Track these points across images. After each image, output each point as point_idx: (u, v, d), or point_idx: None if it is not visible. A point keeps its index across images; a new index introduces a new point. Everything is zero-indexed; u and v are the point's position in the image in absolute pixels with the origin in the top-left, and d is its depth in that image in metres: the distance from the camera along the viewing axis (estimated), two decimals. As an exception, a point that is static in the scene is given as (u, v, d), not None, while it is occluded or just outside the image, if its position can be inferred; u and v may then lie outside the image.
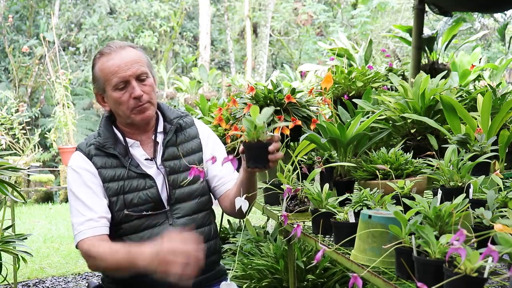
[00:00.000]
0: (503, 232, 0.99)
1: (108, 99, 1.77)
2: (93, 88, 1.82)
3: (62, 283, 4.14)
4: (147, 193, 1.75)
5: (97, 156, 1.75)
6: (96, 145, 1.76)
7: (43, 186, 7.74)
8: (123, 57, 1.72)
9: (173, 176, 1.81)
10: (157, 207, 1.76)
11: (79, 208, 1.70)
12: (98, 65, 1.75)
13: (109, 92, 1.73)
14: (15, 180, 7.02)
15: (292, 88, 2.35)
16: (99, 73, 1.74)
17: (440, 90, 2.11)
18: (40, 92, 11.54)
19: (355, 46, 5.53)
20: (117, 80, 1.70)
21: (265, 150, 1.52)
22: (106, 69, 1.72)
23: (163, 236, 1.56)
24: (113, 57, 1.72)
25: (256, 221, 5.70)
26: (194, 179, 1.82)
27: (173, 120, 1.87)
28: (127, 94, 1.71)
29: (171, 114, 1.89)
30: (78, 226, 1.69)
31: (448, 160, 1.61)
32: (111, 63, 1.71)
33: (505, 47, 6.78)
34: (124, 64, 1.70)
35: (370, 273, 1.25)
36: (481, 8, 4.00)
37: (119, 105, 1.73)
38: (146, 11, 13.64)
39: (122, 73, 1.70)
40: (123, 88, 1.71)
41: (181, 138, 1.87)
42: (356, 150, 2.01)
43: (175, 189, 1.80)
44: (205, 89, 10.72)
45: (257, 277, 2.74)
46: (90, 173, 1.74)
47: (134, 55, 1.74)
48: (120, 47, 1.74)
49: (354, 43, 6.66)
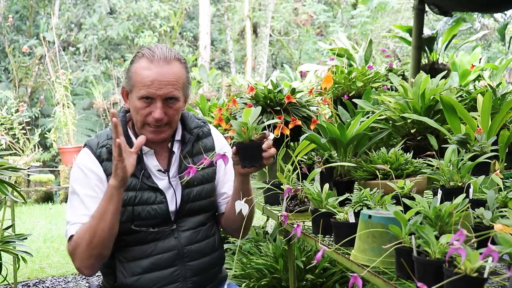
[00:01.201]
0: (503, 232, 0.99)
1: (131, 100, 1.69)
2: (123, 80, 1.74)
3: (62, 283, 4.15)
4: (156, 209, 1.69)
5: (109, 161, 1.66)
6: (109, 149, 1.67)
7: (43, 186, 7.74)
8: (162, 74, 1.62)
9: (187, 190, 1.74)
10: (164, 223, 1.71)
11: (78, 209, 1.64)
12: (135, 65, 1.66)
13: (134, 96, 1.66)
14: (15, 180, 7.02)
15: (292, 88, 2.35)
16: (133, 75, 1.66)
17: (440, 90, 2.11)
18: (40, 92, 11.53)
19: (355, 46, 5.53)
20: (145, 94, 1.62)
21: (258, 149, 1.55)
22: (140, 76, 1.63)
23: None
24: (153, 68, 1.62)
25: (256, 221, 5.70)
26: (208, 194, 1.79)
27: (193, 130, 1.79)
28: (148, 110, 1.64)
29: (191, 123, 1.80)
30: (71, 225, 1.63)
31: (448, 160, 1.61)
32: (147, 74, 1.62)
33: (505, 47, 6.78)
34: (158, 82, 1.61)
35: (370, 273, 1.25)
36: (481, 8, 4.00)
37: (136, 113, 1.66)
38: (146, 11, 13.64)
39: (152, 90, 1.61)
40: (147, 102, 1.63)
41: (197, 149, 1.79)
42: (356, 150, 2.01)
43: (187, 203, 1.74)
44: (205, 89, 10.72)
45: (256, 276, 2.75)
46: (98, 178, 1.66)
47: (174, 75, 1.64)
48: (165, 60, 1.64)
49: (354, 43, 6.66)
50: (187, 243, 1.73)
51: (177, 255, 1.71)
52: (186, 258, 1.72)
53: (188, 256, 1.72)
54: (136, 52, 1.72)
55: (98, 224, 1.56)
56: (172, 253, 1.70)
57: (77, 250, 1.59)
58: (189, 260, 1.72)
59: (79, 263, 1.61)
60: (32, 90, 11.37)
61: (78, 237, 1.59)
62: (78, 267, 1.62)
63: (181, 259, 1.71)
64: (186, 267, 1.72)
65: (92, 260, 1.60)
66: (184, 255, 1.72)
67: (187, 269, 1.72)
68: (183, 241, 1.72)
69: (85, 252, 1.58)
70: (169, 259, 1.70)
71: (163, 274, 1.69)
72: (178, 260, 1.71)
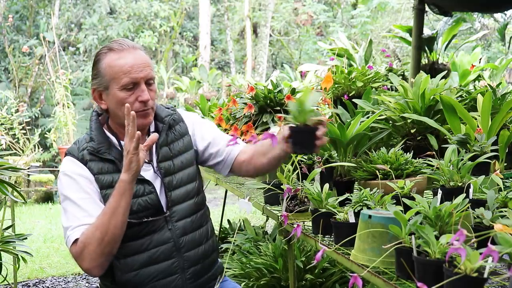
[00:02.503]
0: (503, 232, 0.99)
1: (109, 98, 1.68)
2: (92, 83, 1.71)
3: (62, 283, 4.15)
4: (147, 200, 1.69)
5: (92, 161, 1.67)
6: (90, 150, 1.68)
7: (43, 186, 7.74)
8: (137, 58, 1.66)
9: (168, 178, 1.75)
10: (156, 213, 1.71)
11: (76, 213, 1.61)
12: (105, 60, 1.66)
13: (114, 90, 1.65)
14: (15, 180, 7.01)
15: (292, 88, 2.35)
16: (107, 70, 1.65)
17: (440, 90, 2.11)
18: (40, 92, 11.53)
19: (355, 46, 5.52)
20: (128, 81, 1.63)
21: (312, 134, 1.47)
22: (117, 67, 1.64)
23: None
24: (126, 56, 1.65)
25: (256, 221, 5.70)
26: (190, 178, 1.80)
27: (164, 119, 1.80)
28: (133, 96, 1.65)
29: (162, 112, 1.81)
30: (72, 230, 1.60)
31: (448, 160, 1.61)
32: (124, 61, 1.64)
33: (505, 47, 6.78)
34: (137, 65, 1.65)
35: (370, 273, 1.25)
36: (481, 8, 4.00)
37: (122, 105, 1.63)
38: (146, 11, 13.64)
39: (134, 74, 1.64)
40: (131, 89, 1.65)
41: (172, 137, 1.81)
42: (356, 150, 2.01)
43: (170, 191, 1.74)
44: (205, 89, 10.72)
45: (255, 276, 2.75)
46: (87, 179, 1.66)
47: (145, 58, 1.69)
48: (133, 47, 1.68)
49: (354, 43, 6.65)
50: (182, 233, 1.74)
51: (173, 247, 1.72)
52: (183, 249, 1.73)
53: (184, 246, 1.73)
54: (99, 51, 1.71)
55: (109, 220, 1.55)
56: (168, 245, 1.71)
57: (85, 250, 1.56)
58: (185, 251, 1.74)
59: (88, 264, 1.58)
60: (32, 90, 11.37)
61: (86, 237, 1.56)
62: (87, 268, 1.59)
63: (177, 250, 1.72)
64: (183, 258, 1.73)
65: (103, 259, 1.59)
66: (180, 246, 1.73)
67: (184, 260, 1.73)
68: (178, 232, 1.73)
69: (95, 251, 1.56)
70: (166, 251, 1.71)
71: (160, 267, 1.70)
72: (175, 252, 1.72)
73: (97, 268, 1.60)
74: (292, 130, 1.49)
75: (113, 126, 1.76)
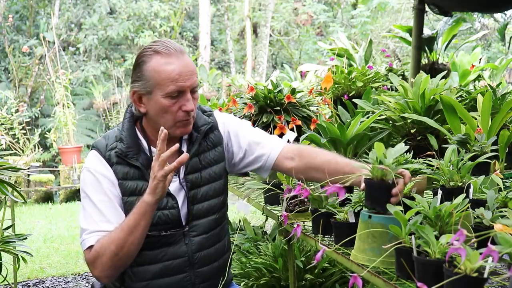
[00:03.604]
0: (503, 232, 0.99)
1: (150, 103, 1.59)
2: (133, 85, 1.61)
3: (62, 283, 4.15)
4: (168, 214, 1.62)
5: (119, 164, 1.60)
6: (117, 153, 1.60)
7: (43, 186, 7.74)
8: (184, 65, 1.57)
9: (193, 191, 1.67)
10: (175, 226, 1.65)
11: (94, 216, 1.57)
12: (151, 64, 1.56)
13: (158, 97, 1.56)
14: (15, 180, 7.02)
15: (292, 88, 2.35)
16: (152, 73, 1.55)
17: (440, 90, 2.10)
18: (40, 92, 11.53)
19: (355, 46, 5.52)
20: (174, 89, 1.54)
21: (387, 191, 1.33)
22: (164, 72, 1.54)
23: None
24: (173, 62, 1.55)
25: (256, 221, 5.70)
26: (216, 193, 1.72)
27: (200, 128, 1.69)
28: (177, 105, 1.56)
29: (200, 121, 1.70)
30: (88, 234, 1.56)
31: (448, 160, 1.61)
32: (171, 68, 1.54)
33: (505, 47, 6.78)
34: (185, 73, 1.55)
35: (370, 273, 1.25)
36: (481, 8, 3.99)
37: (165, 113, 1.57)
38: (146, 11, 13.64)
39: (181, 83, 1.55)
40: (175, 97, 1.56)
41: (204, 147, 1.70)
42: (356, 150, 2.01)
43: (193, 205, 1.67)
44: (205, 89, 10.72)
45: (255, 275, 2.75)
46: (110, 182, 1.60)
47: (192, 65, 1.60)
48: (180, 52, 1.58)
49: (354, 43, 6.65)
50: (198, 249, 1.68)
51: (187, 262, 1.67)
52: (196, 265, 1.68)
53: (198, 262, 1.68)
54: (143, 51, 1.60)
55: (127, 237, 1.51)
56: (182, 260, 1.66)
57: (98, 260, 1.53)
58: (199, 267, 1.68)
59: (99, 273, 1.55)
60: (32, 90, 11.37)
61: (101, 247, 1.53)
62: (97, 276, 1.57)
63: (191, 265, 1.67)
64: (195, 273, 1.68)
65: (114, 271, 1.57)
66: (194, 261, 1.67)
67: (196, 276, 1.68)
68: (194, 247, 1.67)
69: (108, 263, 1.53)
70: (179, 265, 1.66)
71: (171, 281, 1.66)
72: (187, 267, 1.67)
73: (108, 278, 1.58)
74: (366, 183, 1.38)
75: (148, 129, 1.67)
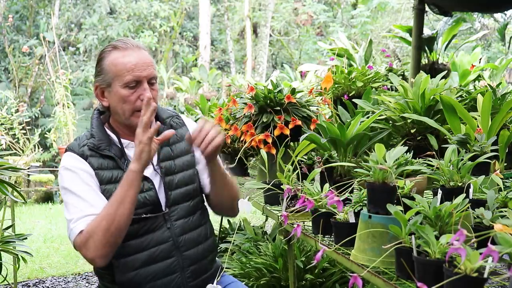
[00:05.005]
0: (503, 232, 0.99)
1: (111, 95, 1.70)
2: (95, 80, 1.75)
3: (62, 283, 4.14)
4: (145, 196, 1.70)
5: (93, 157, 1.70)
6: (90, 146, 1.71)
7: (43, 186, 7.74)
8: (141, 57, 1.69)
9: (168, 177, 1.77)
10: (155, 210, 1.72)
11: (78, 205, 1.63)
12: (109, 58, 1.70)
13: (117, 88, 1.68)
14: (15, 180, 7.01)
15: (292, 88, 2.35)
16: (110, 67, 1.68)
17: (440, 90, 2.10)
18: (40, 92, 11.53)
19: (355, 46, 5.52)
20: (131, 78, 1.66)
21: (390, 194, 1.33)
22: (121, 64, 1.67)
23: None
24: (130, 54, 1.68)
25: (256, 221, 5.70)
26: (190, 180, 1.82)
27: (165, 120, 1.83)
28: (135, 94, 1.67)
29: (163, 114, 1.84)
30: (75, 222, 1.60)
31: (448, 160, 1.61)
32: (128, 59, 1.67)
33: (505, 47, 6.78)
34: (141, 64, 1.68)
35: (370, 273, 1.25)
36: (481, 8, 3.99)
37: (124, 103, 1.68)
38: (146, 11, 13.64)
39: (137, 73, 1.66)
40: (133, 87, 1.67)
41: (174, 139, 1.83)
42: (356, 150, 2.01)
43: (171, 190, 1.76)
44: (205, 89, 10.73)
45: (255, 275, 2.75)
46: (87, 173, 1.68)
47: (149, 57, 1.72)
48: (137, 47, 1.72)
49: (354, 43, 6.65)
50: (181, 232, 1.75)
51: (173, 246, 1.72)
52: (182, 248, 1.74)
53: (184, 245, 1.74)
54: (104, 49, 1.74)
55: (116, 210, 1.56)
56: (167, 245, 1.72)
57: (90, 240, 1.57)
58: (185, 250, 1.74)
59: (93, 253, 1.57)
60: (32, 90, 11.37)
61: (91, 227, 1.57)
62: (91, 257, 1.58)
63: (177, 249, 1.73)
64: (182, 257, 1.74)
65: (108, 248, 1.58)
66: (179, 245, 1.73)
67: (183, 259, 1.74)
68: (177, 230, 1.74)
69: (101, 241, 1.56)
70: (165, 250, 1.71)
71: (160, 267, 1.70)
72: (174, 251, 1.72)
73: (101, 258, 1.59)
74: (368, 187, 1.39)
75: (114, 124, 1.78)
